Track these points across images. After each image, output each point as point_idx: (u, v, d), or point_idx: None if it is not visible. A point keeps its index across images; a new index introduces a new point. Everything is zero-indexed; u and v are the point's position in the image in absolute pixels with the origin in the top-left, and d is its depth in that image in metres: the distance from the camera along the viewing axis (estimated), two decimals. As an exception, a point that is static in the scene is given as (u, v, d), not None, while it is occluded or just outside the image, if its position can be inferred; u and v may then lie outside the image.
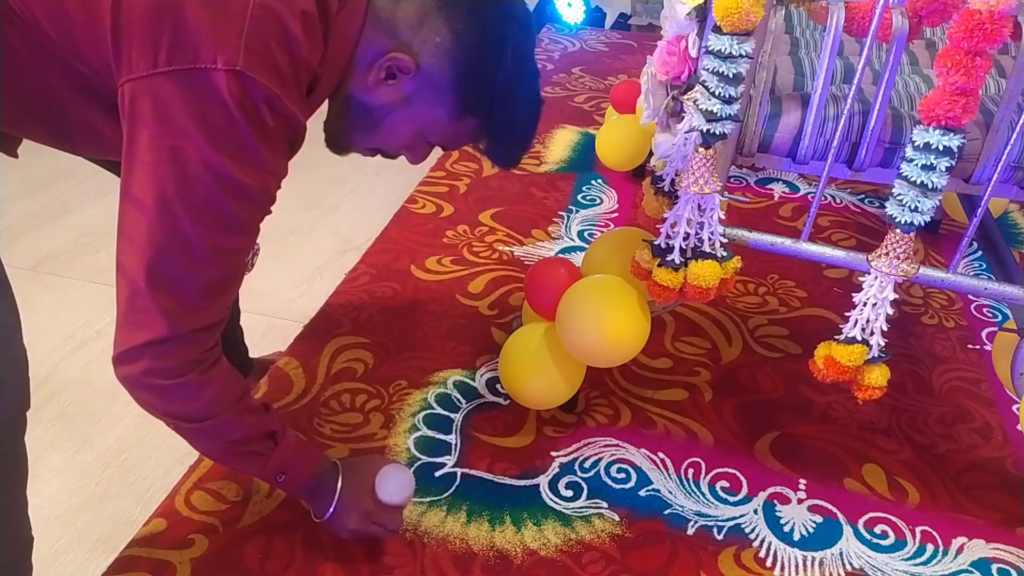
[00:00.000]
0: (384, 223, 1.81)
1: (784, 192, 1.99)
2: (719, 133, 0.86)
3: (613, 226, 1.82)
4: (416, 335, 1.46)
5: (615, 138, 1.96)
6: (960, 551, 1.09)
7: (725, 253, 0.97)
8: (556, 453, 1.22)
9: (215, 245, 0.76)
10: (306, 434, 1.23)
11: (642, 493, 1.16)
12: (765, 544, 1.09)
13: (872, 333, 0.94)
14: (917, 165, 0.83)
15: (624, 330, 1.11)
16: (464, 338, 1.45)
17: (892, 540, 1.11)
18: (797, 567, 1.06)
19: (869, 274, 0.92)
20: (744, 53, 0.81)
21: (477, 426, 1.27)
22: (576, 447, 1.23)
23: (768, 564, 1.07)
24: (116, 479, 1.17)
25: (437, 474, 1.18)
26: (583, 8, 3.22)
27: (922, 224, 0.86)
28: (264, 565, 1.04)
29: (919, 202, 0.84)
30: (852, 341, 0.94)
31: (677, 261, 0.96)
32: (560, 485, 1.17)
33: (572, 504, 1.14)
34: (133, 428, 1.26)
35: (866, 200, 1.96)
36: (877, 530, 1.12)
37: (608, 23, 3.29)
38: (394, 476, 1.00)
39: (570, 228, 1.81)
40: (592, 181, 2.02)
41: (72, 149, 0.87)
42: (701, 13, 0.85)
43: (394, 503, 1.00)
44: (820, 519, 1.13)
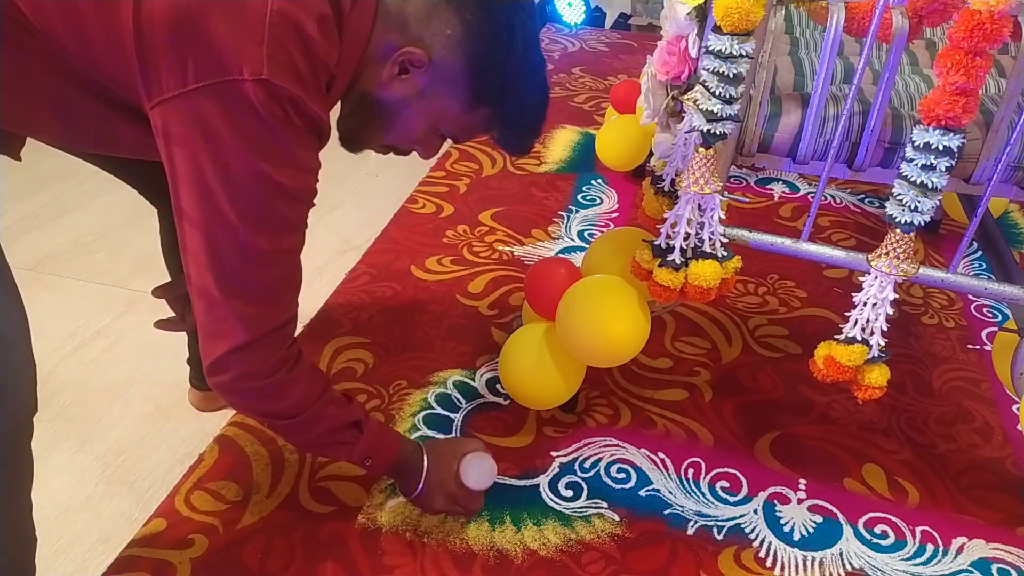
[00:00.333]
0: (384, 223, 1.81)
1: (784, 192, 1.99)
2: (719, 133, 0.86)
3: (613, 226, 1.82)
4: (416, 335, 1.46)
5: (615, 138, 1.97)
6: (960, 551, 1.09)
7: (725, 253, 0.97)
8: (556, 453, 1.22)
9: (272, 247, 0.79)
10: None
11: (642, 493, 1.16)
12: (765, 544, 1.09)
13: (872, 333, 0.94)
14: (917, 165, 0.83)
15: (624, 330, 1.11)
16: (464, 338, 1.45)
17: (892, 540, 1.11)
18: (797, 567, 1.07)
19: (869, 274, 0.92)
20: (744, 53, 0.81)
21: (477, 426, 1.26)
22: (576, 447, 1.23)
23: (768, 564, 1.07)
24: (116, 479, 1.17)
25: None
26: (583, 8, 3.22)
27: (922, 224, 0.87)
28: (264, 565, 1.04)
29: (919, 202, 0.85)
30: (852, 341, 0.94)
31: (678, 261, 0.96)
32: (560, 485, 1.17)
33: (572, 504, 1.14)
34: (133, 428, 1.26)
35: (866, 200, 1.96)
36: (877, 530, 1.12)
37: (608, 23, 3.30)
38: (478, 464, 1.06)
39: (570, 228, 1.81)
40: (592, 181, 2.02)
41: (77, 148, 0.87)
42: (701, 13, 0.85)
43: (477, 489, 1.06)
44: (820, 519, 1.13)
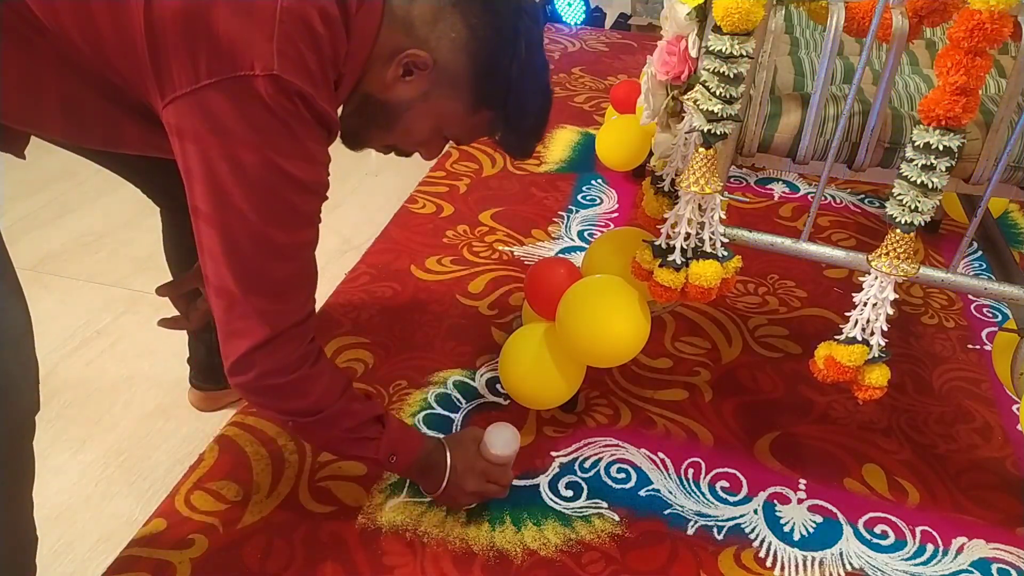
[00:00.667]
0: (384, 223, 1.81)
1: (784, 192, 1.99)
2: (719, 133, 0.86)
3: (613, 226, 1.82)
4: (416, 335, 1.46)
5: (615, 138, 1.97)
6: (960, 551, 1.09)
7: (726, 253, 0.97)
8: (556, 453, 1.22)
9: (288, 240, 0.80)
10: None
11: (642, 493, 1.16)
12: (765, 544, 1.09)
13: (872, 333, 0.94)
14: (917, 165, 0.83)
15: (624, 330, 1.11)
16: (464, 338, 1.45)
17: (892, 540, 1.11)
18: (797, 567, 1.07)
19: (869, 274, 0.92)
20: (744, 53, 0.81)
21: (477, 426, 1.26)
22: (576, 447, 1.23)
23: (768, 564, 1.07)
24: (116, 479, 1.17)
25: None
26: (583, 8, 3.22)
27: (922, 224, 0.87)
28: (264, 565, 1.04)
29: (919, 202, 0.85)
30: (852, 341, 0.94)
31: (678, 261, 0.96)
32: (560, 485, 1.17)
33: (572, 504, 1.14)
34: (133, 428, 1.26)
35: (866, 200, 1.96)
36: (877, 530, 1.12)
37: (608, 23, 3.30)
38: (499, 432, 1.09)
39: (570, 228, 1.81)
40: (592, 181, 2.02)
41: (85, 145, 0.87)
42: (701, 13, 0.85)
43: (504, 457, 1.08)
44: (820, 519, 1.13)
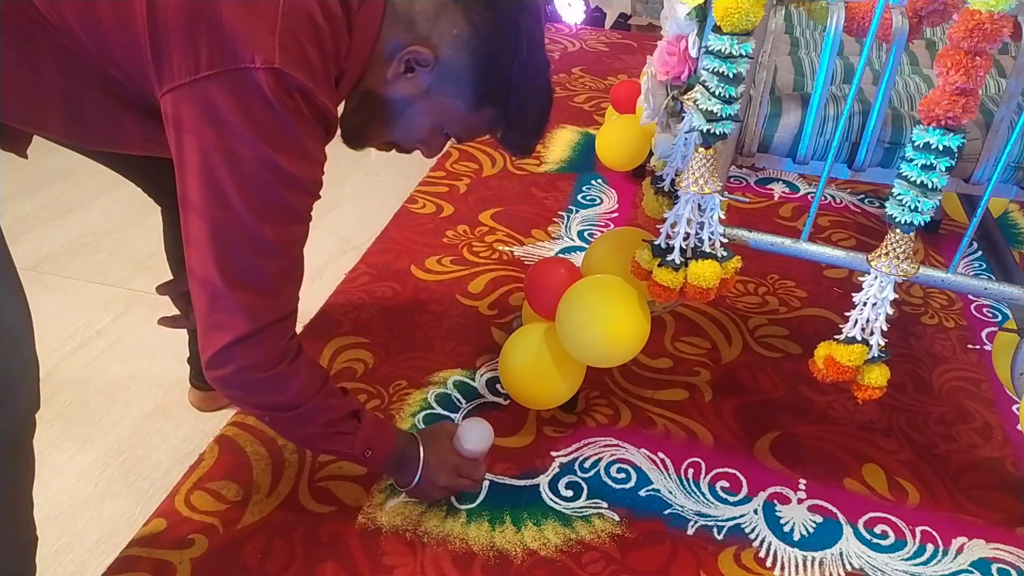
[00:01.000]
0: (384, 223, 1.81)
1: (784, 192, 1.99)
2: (719, 133, 0.86)
3: (613, 226, 1.82)
4: (416, 335, 1.46)
5: (615, 138, 1.97)
6: (960, 551, 1.09)
7: (725, 253, 0.97)
8: (556, 453, 1.22)
9: (278, 237, 0.79)
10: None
11: (642, 493, 1.16)
12: (765, 544, 1.09)
13: (872, 333, 0.94)
14: (917, 165, 0.83)
15: (624, 330, 1.11)
16: (464, 338, 1.45)
17: (892, 540, 1.11)
18: (797, 567, 1.06)
19: (869, 274, 0.92)
20: (744, 53, 0.81)
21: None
22: (576, 447, 1.23)
23: (768, 564, 1.07)
24: (116, 479, 1.17)
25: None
26: (583, 8, 3.22)
27: (922, 224, 0.86)
28: (264, 565, 1.04)
29: (919, 202, 0.85)
30: (852, 341, 0.94)
31: (677, 261, 0.96)
32: (560, 485, 1.17)
33: (572, 504, 1.14)
34: (133, 428, 1.26)
35: (866, 200, 1.96)
36: (877, 530, 1.12)
37: (608, 23, 3.30)
38: (473, 427, 1.09)
39: (570, 228, 1.81)
40: (592, 181, 2.02)
41: (85, 144, 0.88)
42: (701, 13, 0.85)
43: (476, 452, 1.09)
44: (820, 519, 1.13)
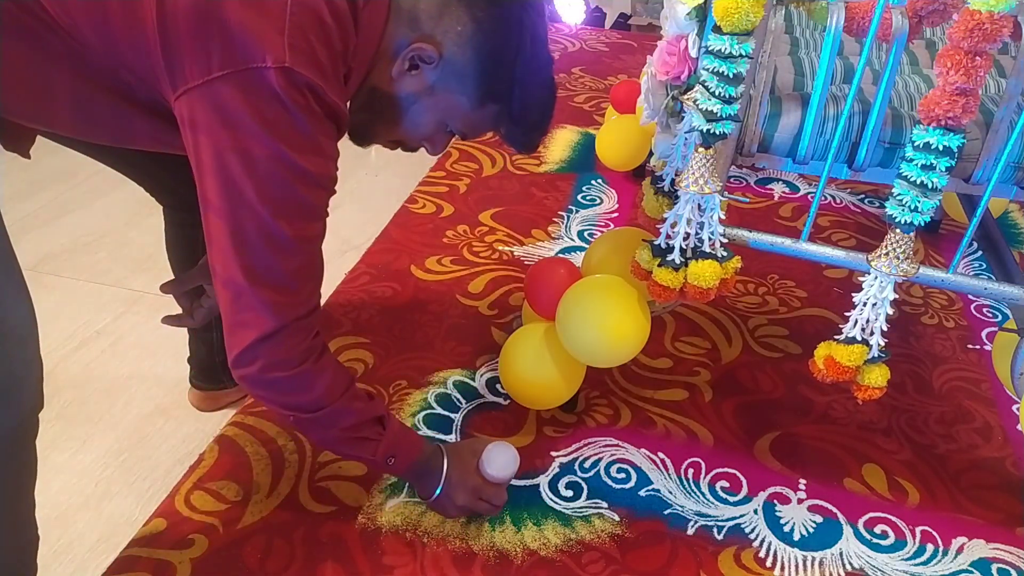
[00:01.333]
0: (384, 223, 1.81)
1: (784, 192, 1.99)
2: (719, 133, 0.86)
3: (613, 226, 1.82)
4: (416, 335, 1.46)
5: (615, 138, 1.97)
6: (960, 551, 1.09)
7: (725, 253, 0.97)
8: (556, 453, 1.22)
9: (296, 233, 0.79)
10: (306, 434, 1.23)
11: (642, 493, 1.16)
12: (765, 544, 1.09)
13: (872, 333, 0.94)
14: (917, 165, 0.83)
15: (624, 330, 1.11)
16: (464, 338, 1.45)
17: (892, 540, 1.11)
18: (797, 567, 1.06)
19: (869, 274, 0.92)
20: (744, 53, 0.81)
21: (477, 426, 1.26)
22: (576, 447, 1.23)
23: (768, 564, 1.07)
24: (116, 479, 1.17)
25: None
26: (583, 8, 3.22)
27: (922, 224, 0.86)
28: (264, 565, 1.04)
29: (919, 202, 0.84)
30: (852, 341, 0.94)
31: (677, 261, 0.96)
32: (560, 485, 1.17)
33: (572, 504, 1.14)
34: (133, 428, 1.26)
35: (866, 200, 1.96)
36: (877, 530, 1.12)
37: (608, 23, 3.30)
38: (499, 452, 1.07)
39: (570, 228, 1.81)
40: (592, 181, 2.02)
41: (93, 141, 0.88)
42: (701, 13, 0.85)
43: (500, 479, 1.06)
44: (820, 519, 1.13)
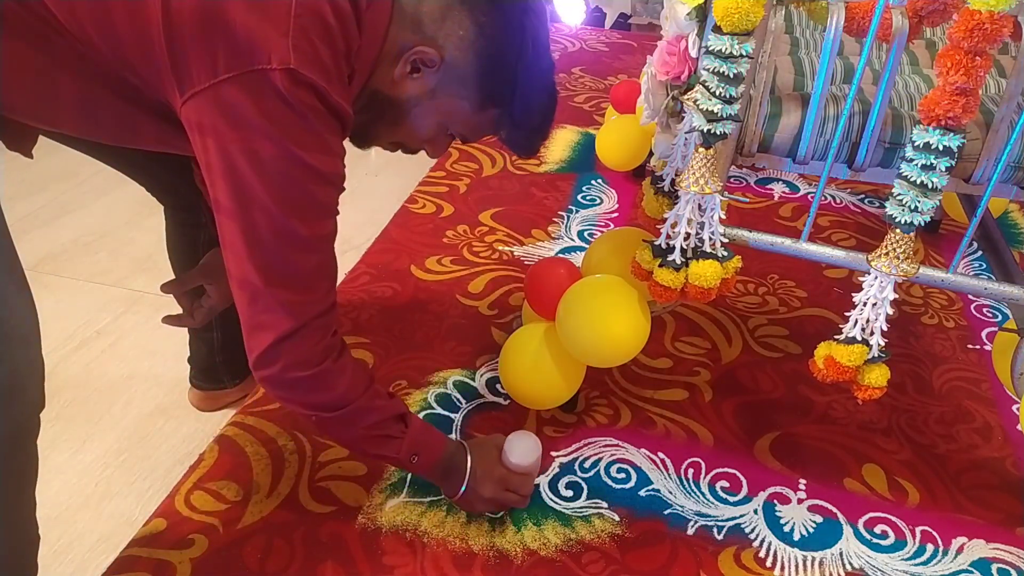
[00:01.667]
0: (384, 223, 1.81)
1: (784, 192, 1.99)
2: (719, 133, 0.86)
3: (613, 226, 1.82)
4: (416, 335, 1.46)
5: (615, 138, 1.97)
6: (960, 551, 1.09)
7: (726, 253, 0.97)
8: (556, 453, 1.22)
9: (309, 232, 0.80)
10: (307, 434, 1.23)
11: (642, 493, 1.16)
12: (765, 544, 1.09)
13: (872, 333, 0.94)
14: (917, 165, 0.83)
15: (624, 330, 1.11)
16: (464, 338, 1.45)
17: (892, 540, 1.11)
18: (797, 567, 1.06)
19: (869, 274, 0.92)
20: (744, 53, 0.81)
21: (477, 426, 1.26)
22: (576, 447, 1.23)
23: (768, 564, 1.07)
24: (116, 479, 1.17)
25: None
26: (583, 8, 3.22)
27: (922, 224, 0.86)
28: (264, 565, 1.04)
29: (919, 202, 0.84)
30: (852, 341, 0.94)
31: (678, 261, 0.96)
32: (560, 485, 1.17)
33: (572, 504, 1.14)
34: (133, 428, 1.26)
35: (866, 200, 1.96)
36: (877, 530, 1.12)
37: (608, 23, 3.30)
38: (520, 440, 1.08)
39: (570, 228, 1.81)
40: (592, 181, 2.02)
41: (97, 140, 0.88)
42: (701, 13, 0.85)
43: (524, 466, 1.07)
44: (820, 519, 1.13)
